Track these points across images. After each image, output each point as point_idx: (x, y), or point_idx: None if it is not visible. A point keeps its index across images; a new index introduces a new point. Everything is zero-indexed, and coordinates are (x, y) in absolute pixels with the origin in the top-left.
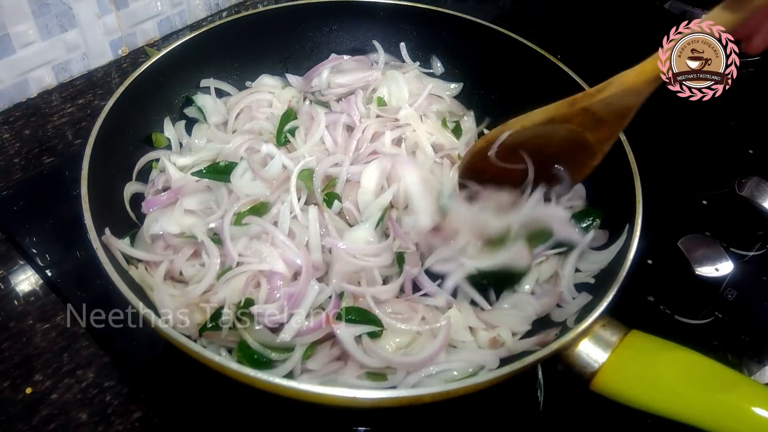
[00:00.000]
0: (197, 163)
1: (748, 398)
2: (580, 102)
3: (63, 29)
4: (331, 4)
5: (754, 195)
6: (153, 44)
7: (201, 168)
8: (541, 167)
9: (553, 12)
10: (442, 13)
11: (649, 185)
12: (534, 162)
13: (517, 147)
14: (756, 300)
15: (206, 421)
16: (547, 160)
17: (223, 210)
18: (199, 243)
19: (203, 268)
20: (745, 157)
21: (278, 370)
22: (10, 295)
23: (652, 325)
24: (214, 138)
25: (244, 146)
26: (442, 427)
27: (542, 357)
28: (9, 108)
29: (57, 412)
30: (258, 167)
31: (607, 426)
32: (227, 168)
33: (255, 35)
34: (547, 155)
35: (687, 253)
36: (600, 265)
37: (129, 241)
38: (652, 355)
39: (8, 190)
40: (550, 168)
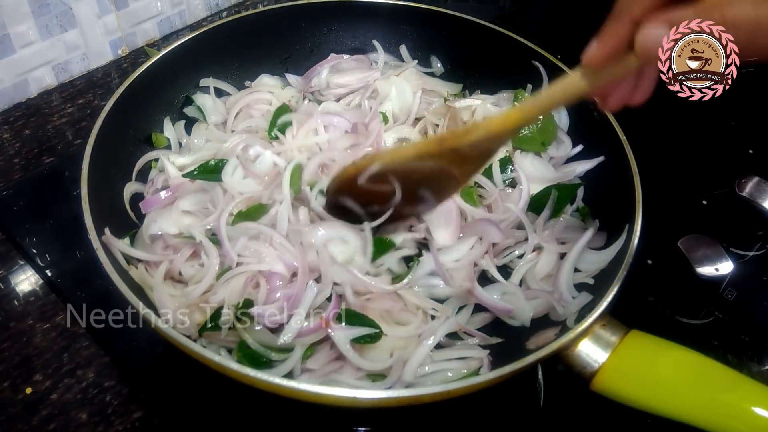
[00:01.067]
0: (195, 162)
1: (748, 398)
2: (448, 142)
3: (63, 29)
4: (331, 4)
5: (754, 195)
6: (153, 44)
7: (194, 168)
8: (408, 190)
9: (553, 12)
10: (442, 13)
11: (649, 185)
12: (401, 185)
13: (387, 172)
14: (756, 300)
15: (206, 421)
16: (414, 184)
17: (219, 210)
18: (198, 243)
19: (203, 269)
20: (745, 157)
21: (278, 370)
22: (10, 295)
23: (652, 325)
24: (212, 137)
25: (241, 146)
26: (442, 427)
27: (542, 357)
28: (9, 108)
29: (57, 412)
30: (249, 164)
31: (607, 426)
32: (217, 167)
33: (255, 35)
34: (415, 180)
35: (687, 253)
36: (600, 265)
37: (129, 241)
38: (652, 355)
39: (8, 190)
40: (416, 190)
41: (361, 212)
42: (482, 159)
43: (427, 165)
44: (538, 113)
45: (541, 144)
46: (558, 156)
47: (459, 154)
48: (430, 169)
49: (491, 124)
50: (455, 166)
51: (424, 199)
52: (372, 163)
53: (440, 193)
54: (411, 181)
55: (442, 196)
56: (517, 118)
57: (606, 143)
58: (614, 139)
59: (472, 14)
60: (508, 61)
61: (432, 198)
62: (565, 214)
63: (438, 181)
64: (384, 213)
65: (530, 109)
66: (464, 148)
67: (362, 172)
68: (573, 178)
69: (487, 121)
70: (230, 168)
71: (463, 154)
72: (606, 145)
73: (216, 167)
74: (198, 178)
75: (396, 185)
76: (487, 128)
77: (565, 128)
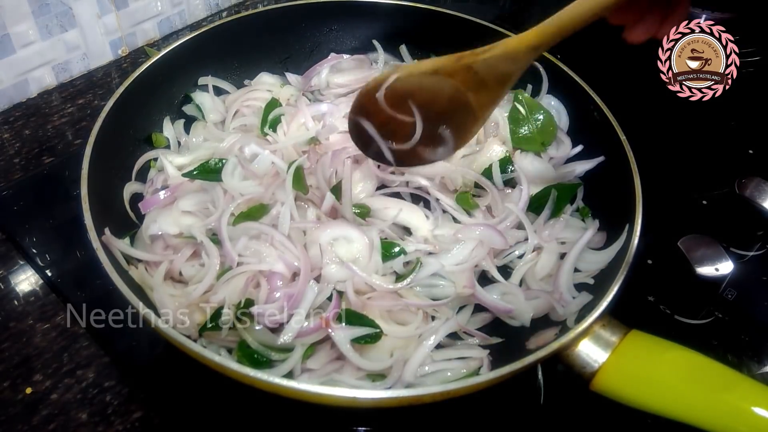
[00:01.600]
0: (193, 162)
1: (748, 398)
2: (465, 59)
3: (63, 29)
4: (331, 4)
5: (754, 195)
6: (153, 44)
7: (193, 168)
8: (429, 124)
9: (553, 12)
10: (442, 13)
11: (649, 185)
12: (422, 116)
13: (406, 95)
14: (756, 300)
15: (206, 421)
16: (434, 118)
17: (220, 211)
18: (198, 243)
19: (203, 269)
20: (745, 157)
21: (278, 370)
22: (10, 295)
23: (652, 325)
24: (210, 136)
25: (238, 145)
26: (442, 427)
27: (542, 357)
28: (9, 108)
29: (57, 412)
30: (248, 164)
31: (607, 426)
32: (217, 167)
33: (255, 35)
34: (434, 112)
35: (687, 253)
36: (599, 265)
37: (129, 241)
38: (652, 355)
39: (8, 190)
40: (436, 126)
41: (382, 144)
42: (498, 86)
43: (445, 91)
44: (556, 33)
45: (541, 144)
46: (558, 156)
47: (475, 74)
48: (449, 98)
49: (508, 43)
50: (472, 91)
51: (443, 139)
52: (390, 75)
53: (459, 131)
54: (430, 112)
55: (461, 137)
56: (535, 36)
57: (606, 143)
58: (614, 139)
59: (472, 14)
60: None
61: (451, 138)
62: (565, 214)
63: (457, 115)
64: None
65: (548, 29)
66: (480, 67)
67: (381, 84)
68: (573, 178)
69: (505, 39)
70: (230, 168)
71: (479, 76)
72: (606, 145)
73: (216, 167)
74: (198, 178)
75: (416, 114)
76: (504, 46)
77: (565, 128)
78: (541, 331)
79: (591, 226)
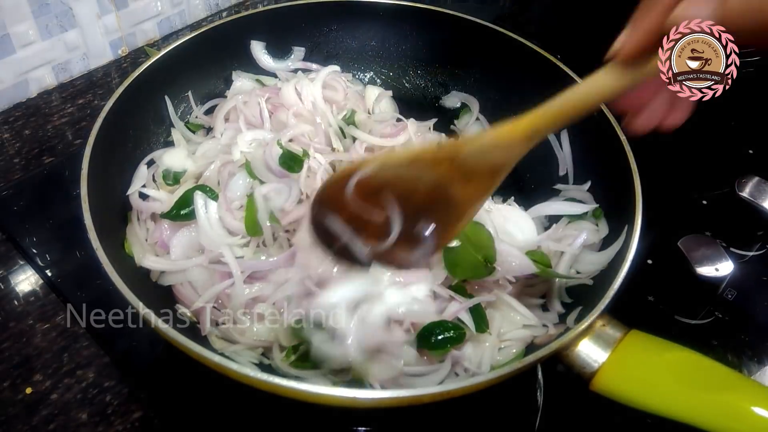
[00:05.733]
0: (187, 179)
1: (748, 398)
2: (449, 147)
3: (63, 29)
4: (331, 4)
5: (754, 195)
6: (153, 44)
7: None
8: (406, 220)
9: (553, 12)
10: (442, 13)
11: (649, 185)
12: (399, 207)
13: (381, 187)
14: (756, 300)
15: (206, 421)
16: (413, 213)
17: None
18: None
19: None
20: (745, 157)
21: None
22: (10, 295)
23: (652, 325)
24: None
25: (225, 170)
26: (442, 427)
27: (542, 357)
28: (9, 108)
29: (57, 412)
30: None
31: (607, 426)
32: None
33: (255, 35)
34: (413, 205)
35: (687, 253)
36: (599, 266)
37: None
38: (652, 355)
39: (8, 190)
40: (415, 223)
41: (351, 242)
42: (488, 178)
43: (426, 182)
44: (554, 120)
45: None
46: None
47: (461, 164)
48: (430, 191)
49: (500, 130)
50: (457, 183)
51: (425, 236)
52: (363, 166)
53: (441, 229)
54: (409, 206)
55: (443, 235)
56: (530, 124)
57: (606, 143)
58: (614, 139)
59: (472, 14)
60: (508, 62)
61: (434, 235)
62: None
63: (439, 210)
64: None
65: (544, 115)
66: (467, 156)
67: (352, 176)
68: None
69: (495, 127)
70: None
71: (466, 167)
72: (606, 145)
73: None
74: (177, 220)
75: (393, 207)
76: (495, 135)
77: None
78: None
79: (602, 228)
